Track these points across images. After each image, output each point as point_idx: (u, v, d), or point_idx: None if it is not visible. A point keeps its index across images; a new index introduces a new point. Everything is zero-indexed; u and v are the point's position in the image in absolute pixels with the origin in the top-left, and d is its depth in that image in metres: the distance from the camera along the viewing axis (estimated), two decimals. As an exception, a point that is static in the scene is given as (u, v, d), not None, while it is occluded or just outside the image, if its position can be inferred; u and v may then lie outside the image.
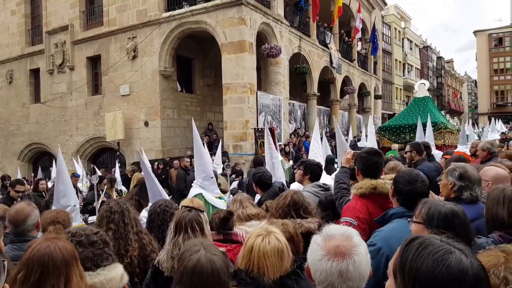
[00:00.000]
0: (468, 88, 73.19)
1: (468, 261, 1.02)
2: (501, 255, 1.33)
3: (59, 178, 4.65)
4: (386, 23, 36.75)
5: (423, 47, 49.68)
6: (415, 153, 5.26)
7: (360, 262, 1.32)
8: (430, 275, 1.01)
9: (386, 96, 36.20)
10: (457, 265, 1.00)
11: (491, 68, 45.68)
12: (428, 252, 1.05)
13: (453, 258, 1.02)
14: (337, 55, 21.31)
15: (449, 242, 1.08)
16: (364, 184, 2.67)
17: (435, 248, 1.06)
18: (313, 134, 6.71)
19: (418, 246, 1.08)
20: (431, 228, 1.71)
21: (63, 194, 4.57)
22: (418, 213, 1.89)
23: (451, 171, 2.73)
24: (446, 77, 58.78)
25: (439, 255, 1.03)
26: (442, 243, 1.08)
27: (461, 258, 1.02)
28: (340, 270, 1.30)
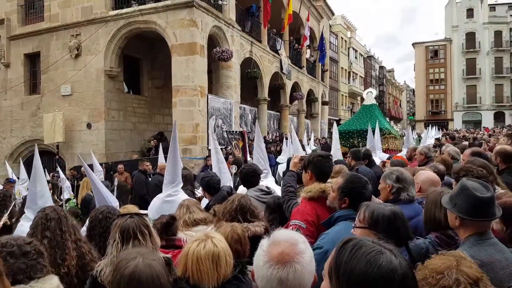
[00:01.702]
0: (407, 97, 77.85)
1: (397, 261, 1.07)
2: (453, 259, 1.40)
3: (36, 178, 4.29)
4: (334, 32, 38.13)
5: (367, 56, 52.14)
6: (351, 158, 5.81)
7: (301, 271, 1.30)
8: (363, 275, 1.05)
9: (333, 102, 37.48)
10: (387, 265, 1.05)
11: (427, 78, 48.94)
12: (361, 253, 1.09)
13: (384, 258, 1.06)
14: (287, 61, 21.74)
15: (380, 243, 1.13)
16: (313, 187, 2.72)
17: (368, 249, 1.09)
18: (255, 139, 6.65)
19: (352, 248, 1.11)
20: (377, 232, 1.77)
21: (41, 195, 4.24)
22: (362, 218, 1.93)
23: (388, 175, 2.88)
24: (387, 86, 62.09)
25: (371, 256, 1.07)
26: (374, 244, 1.12)
27: (391, 259, 1.07)
28: (280, 278, 1.28)
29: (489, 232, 1.94)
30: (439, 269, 1.31)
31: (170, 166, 4.53)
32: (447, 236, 2.11)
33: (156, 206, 4.49)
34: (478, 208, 1.90)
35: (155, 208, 4.44)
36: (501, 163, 4.58)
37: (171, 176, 4.50)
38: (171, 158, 4.53)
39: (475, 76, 45.28)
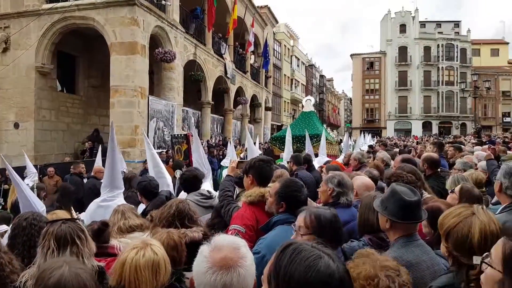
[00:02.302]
0: (345, 105, 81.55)
1: (335, 265, 1.09)
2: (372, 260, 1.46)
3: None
4: (277, 40, 38.93)
5: (309, 65, 53.86)
6: (292, 163, 5.96)
7: (244, 274, 1.31)
8: (302, 280, 1.06)
9: (275, 108, 38.19)
10: (325, 269, 1.07)
11: (364, 88, 51.69)
12: (301, 258, 1.09)
13: (323, 263, 1.08)
14: (232, 66, 21.79)
15: (319, 248, 1.15)
16: (254, 192, 2.73)
17: (307, 254, 1.11)
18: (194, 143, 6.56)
19: (292, 252, 1.12)
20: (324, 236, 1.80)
21: None
22: (308, 223, 1.94)
23: (330, 179, 2.97)
24: (327, 94, 64.55)
25: (311, 261, 1.08)
26: (313, 248, 1.13)
27: (329, 263, 1.08)
28: (225, 283, 1.27)
29: (415, 234, 2.06)
30: (371, 274, 1.36)
31: (108, 169, 4.36)
32: (379, 238, 2.21)
33: (90, 211, 4.30)
34: (406, 211, 2.01)
35: (89, 213, 4.24)
36: (428, 169, 4.93)
37: (108, 180, 4.33)
38: (109, 161, 4.35)
39: (406, 88, 48.58)
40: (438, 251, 2.02)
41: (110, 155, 4.34)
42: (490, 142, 13.59)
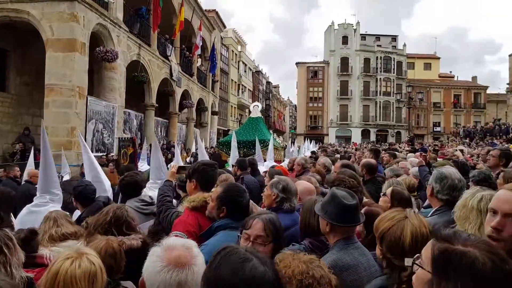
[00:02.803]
0: (290, 112, 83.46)
1: (263, 268, 1.12)
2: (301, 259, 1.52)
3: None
4: (225, 45, 38.96)
5: (256, 71, 54.48)
6: (237, 168, 5.94)
7: (198, 272, 1.33)
8: (227, 282, 1.09)
9: (222, 113, 38.11)
10: (251, 272, 1.09)
11: (308, 96, 53.28)
12: (229, 261, 1.13)
13: (250, 266, 1.11)
14: (178, 68, 21.42)
15: (252, 252, 1.18)
16: (197, 197, 2.67)
17: (236, 257, 1.14)
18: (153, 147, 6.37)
19: (223, 256, 1.16)
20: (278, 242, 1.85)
21: None
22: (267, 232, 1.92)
23: (275, 184, 2.98)
24: (273, 100, 65.64)
25: (238, 264, 1.11)
26: (246, 252, 1.17)
27: (257, 266, 1.11)
28: (179, 281, 1.29)
29: (354, 237, 2.13)
30: (304, 269, 1.43)
31: (41, 173, 4.09)
32: (319, 242, 2.26)
33: (20, 217, 3.97)
34: (345, 215, 2.07)
35: (19, 219, 3.91)
36: (366, 174, 5.16)
37: (42, 184, 4.03)
38: (42, 164, 4.07)
39: (347, 97, 50.78)
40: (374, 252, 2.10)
41: (43, 157, 4.06)
42: (422, 149, 14.55)
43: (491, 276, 0.98)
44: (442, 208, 2.87)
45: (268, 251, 1.87)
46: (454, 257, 1.04)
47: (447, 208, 2.82)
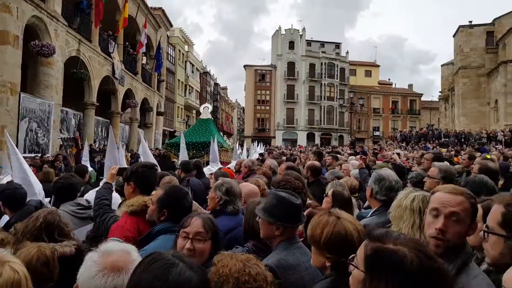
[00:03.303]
0: (238, 114, 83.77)
1: (190, 274, 1.09)
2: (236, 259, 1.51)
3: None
4: (171, 44, 38.19)
5: (203, 72, 54.03)
6: (181, 171, 5.84)
7: None
8: None
9: (168, 113, 37.30)
10: (176, 277, 1.07)
11: (256, 98, 53.75)
12: (154, 266, 1.10)
13: (175, 271, 1.08)
14: (121, 66, 20.61)
15: (179, 257, 1.16)
16: (136, 201, 2.55)
17: (162, 262, 1.11)
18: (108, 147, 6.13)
19: (149, 261, 1.14)
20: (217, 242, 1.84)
21: None
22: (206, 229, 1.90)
23: (219, 186, 2.94)
24: (221, 102, 65.51)
25: (162, 269, 1.09)
26: (173, 257, 1.14)
27: (183, 271, 1.09)
28: (115, 286, 1.26)
29: (296, 237, 2.15)
30: (241, 267, 1.45)
31: None
32: (263, 244, 2.24)
33: None
34: (295, 214, 2.09)
35: None
36: (311, 176, 5.26)
37: None
38: None
39: (293, 101, 51.93)
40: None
41: None
42: (362, 152, 15.23)
43: (418, 273, 1.02)
44: (381, 209, 2.99)
45: (208, 249, 1.87)
46: (384, 255, 1.08)
47: (385, 209, 2.95)
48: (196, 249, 1.85)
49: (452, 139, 27.50)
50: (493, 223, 1.41)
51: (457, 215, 1.62)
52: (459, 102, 39.05)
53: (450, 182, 3.25)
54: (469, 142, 25.48)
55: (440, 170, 3.36)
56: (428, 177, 3.46)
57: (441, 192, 1.73)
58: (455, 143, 25.83)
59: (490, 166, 4.26)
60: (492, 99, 35.09)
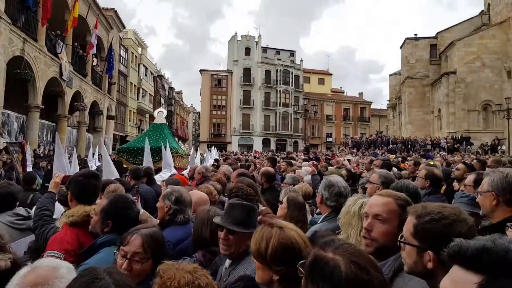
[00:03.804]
0: (193, 119, 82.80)
1: None
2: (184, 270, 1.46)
3: None
4: (124, 46, 37.08)
5: (158, 75, 52.92)
6: (130, 178, 5.54)
7: None
8: None
9: (120, 117, 36.09)
10: None
11: (211, 103, 53.44)
12: (79, 281, 1.11)
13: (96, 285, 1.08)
14: (69, 68, 19.68)
15: (110, 271, 1.16)
16: (77, 211, 2.38)
17: (88, 277, 1.12)
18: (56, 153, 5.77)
19: (78, 276, 1.14)
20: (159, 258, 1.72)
21: None
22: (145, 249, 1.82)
23: (168, 195, 2.84)
24: (175, 106, 64.43)
25: (84, 284, 1.09)
26: (104, 272, 1.14)
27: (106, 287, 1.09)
28: None
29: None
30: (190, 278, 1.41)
31: None
32: (211, 253, 2.18)
33: None
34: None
35: None
36: (265, 182, 5.26)
37: None
38: None
39: (249, 106, 52.22)
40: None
41: None
42: (315, 158, 15.57)
43: (346, 284, 1.06)
44: (331, 214, 3.03)
45: (147, 269, 1.78)
46: (319, 264, 1.12)
47: (335, 214, 2.99)
48: (134, 270, 1.75)
49: (400, 145, 28.88)
50: (407, 233, 1.48)
51: (381, 215, 1.74)
52: (406, 111, 41.13)
53: (388, 187, 3.39)
54: (415, 149, 26.89)
55: (379, 176, 3.51)
56: (370, 182, 3.59)
57: (375, 196, 1.84)
58: (402, 150, 27.14)
59: (435, 172, 4.47)
60: (436, 108, 37.30)
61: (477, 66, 32.74)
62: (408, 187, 3.01)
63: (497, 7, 34.57)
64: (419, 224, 1.44)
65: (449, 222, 1.40)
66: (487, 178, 2.41)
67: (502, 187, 2.25)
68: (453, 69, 33.52)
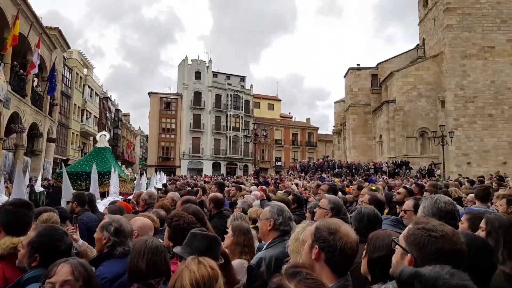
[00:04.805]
0: (141, 142, 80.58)
1: None
2: None
3: None
4: (68, 66, 35.68)
5: (104, 97, 51.24)
6: (76, 204, 5.23)
7: None
8: None
9: (62, 140, 34.26)
10: None
11: (160, 126, 52.43)
12: None
13: None
14: (6, 87, 18.49)
15: None
16: (3, 243, 2.19)
17: None
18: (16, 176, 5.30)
19: None
20: None
21: None
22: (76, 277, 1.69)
23: (106, 226, 2.68)
24: (122, 129, 62.46)
25: None
26: None
27: None
28: None
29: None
30: None
31: None
32: (147, 286, 2.07)
33: None
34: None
35: None
36: (213, 208, 5.19)
37: None
38: None
39: (199, 130, 51.86)
40: None
41: None
42: (265, 182, 15.69)
43: None
44: (276, 240, 3.04)
45: None
46: None
47: (280, 239, 3.02)
48: None
49: (345, 169, 29.97)
50: (401, 236, 1.60)
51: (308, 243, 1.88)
52: (350, 136, 42.99)
53: (338, 212, 3.48)
54: (359, 173, 28.04)
55: (329, 201, 3.57)
56: (319, 207, 3.64)
57: None
58: (347, 173, 28.18)
59: (378, 197, 4.66)
60: (377, 134, 39.35)
61: (414, 95, 35.20)
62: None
63: (431, 41, 37.73)
64: (411, 229, 1.53)
65: (436, 235, 1.47)
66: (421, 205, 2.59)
67: (433, 212, 2.41)
68: (393, 98, 35.74)
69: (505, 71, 32.78)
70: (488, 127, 32.51)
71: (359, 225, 3.17)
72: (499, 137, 32.38)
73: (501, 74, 32.78)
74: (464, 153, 32.42)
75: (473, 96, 32.86)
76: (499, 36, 33.10)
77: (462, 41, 33.26)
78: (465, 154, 32.42)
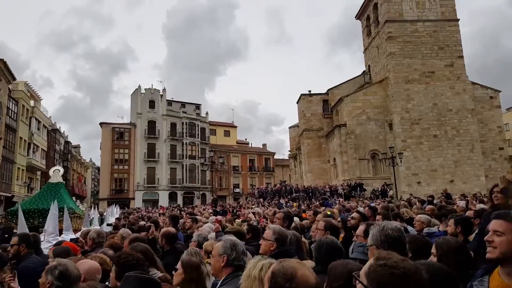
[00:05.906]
0: (92, 174, 77.33)
1: None
2: None
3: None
4: (14, 98, 33.96)
5: (52, 129, 49.03)
6: (23, 246, 4.71)
7: None
8: None
9: (5, 176, 32.12)
10: None
11: (113, 157, 50.68)
12: None
13: None
14: None
15: None
16: None
17: None
18: None
19: None
20: None
21: None
22: None
23: (51, 269, 2.55)
24: (72, 162, 59.75)
25: None
26: None
27: None
28: None
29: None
30: None
31: None
32: None
33: None
34: None
35: None
36: (166, 244, 5.00)
37: None
38: None
39: (154, 159, 50.67)
40: None
41: None
42: (223, 212, 15.47)
43: None
44: (230, 276, 2.96)
45: None
46: None
47: (234, 275, 2.95)
48: None
49: (302, 193, 30.33)
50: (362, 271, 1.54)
51: None
52: (305, 160, 43.82)
53: (283, 243, 3.45)
54: (316, 196, 28.49)
55: (273, 232, 3.47)
56: (263, 239, 3.52)
57: None
58: (305, 197, 28.53)
59: (332, 223, 4.72)
60: (331, 157, 40.42)
61: (363, 119, 36.76)
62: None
63: (376, 68, 39.94)
64: (373, 265, 1.47)
65: (398, 273, 1.42)
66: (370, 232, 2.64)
67: (380, 239, 2.48)
68: (344, 122, 37.11)
69: (445, 94, 35.20)
70: (434, 147, 34.45)
71: (318, 255, 3.20)
72: (445, 156, 34.36)
73: (442, 97, 35.14)
74: (413, 173, 33.99)
75: (418, 118, 34.86)
76: (438, 61, 35.68)
77: (405, 67, 35.50)
78: (414, 173, 34.00)
